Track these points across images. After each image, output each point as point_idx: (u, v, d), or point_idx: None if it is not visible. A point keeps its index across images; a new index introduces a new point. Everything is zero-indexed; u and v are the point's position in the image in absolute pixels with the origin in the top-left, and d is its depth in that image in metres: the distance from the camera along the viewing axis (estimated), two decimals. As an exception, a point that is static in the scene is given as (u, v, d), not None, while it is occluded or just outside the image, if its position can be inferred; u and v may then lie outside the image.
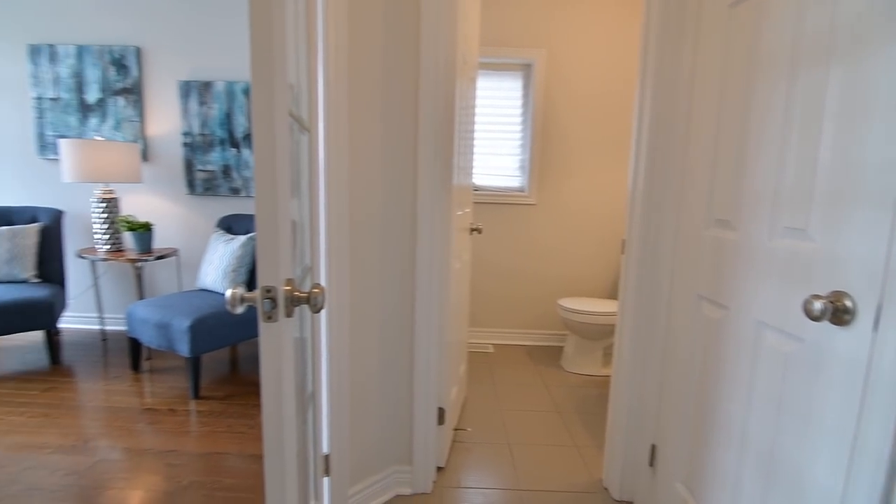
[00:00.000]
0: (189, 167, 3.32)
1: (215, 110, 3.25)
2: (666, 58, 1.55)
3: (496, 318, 3.52)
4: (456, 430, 2.26)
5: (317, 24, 1.27)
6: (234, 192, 3.33)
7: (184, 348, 2.43)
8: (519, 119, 3.36)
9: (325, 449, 1.52)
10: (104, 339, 3.33)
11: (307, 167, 1.20)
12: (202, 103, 3.24)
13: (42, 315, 2.74)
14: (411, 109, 1.59)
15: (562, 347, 3.48)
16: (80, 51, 3.24)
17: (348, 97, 1.43)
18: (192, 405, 2.44)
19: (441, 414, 1.84)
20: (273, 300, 0.73)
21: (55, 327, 2.85)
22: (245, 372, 2.87)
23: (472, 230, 2.36)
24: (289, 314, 0.78)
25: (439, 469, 1.94)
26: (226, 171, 3.31)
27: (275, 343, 0.76)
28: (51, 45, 3.25)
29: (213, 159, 3.30)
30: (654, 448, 1.65)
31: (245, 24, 3.17)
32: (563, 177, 3.35)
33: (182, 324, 2.41)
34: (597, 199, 3.36)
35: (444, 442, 1.94)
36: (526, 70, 3.30)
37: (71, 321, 3.58)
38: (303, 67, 1.16)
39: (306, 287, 1.13)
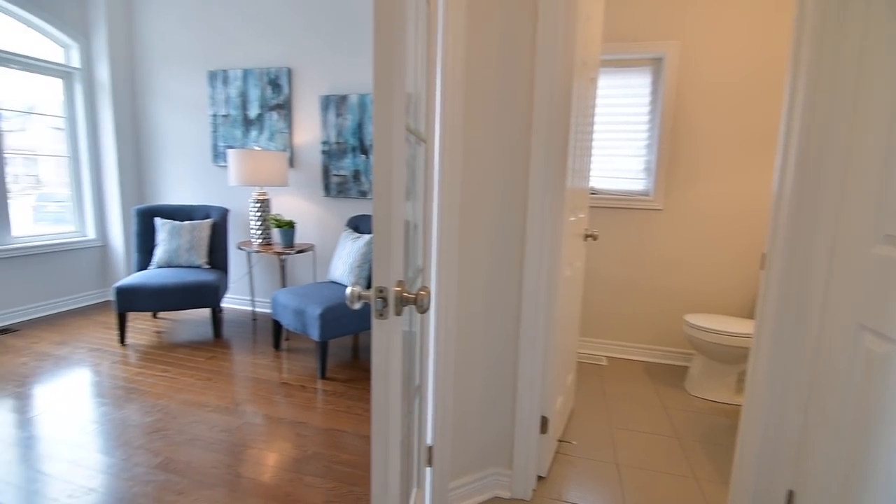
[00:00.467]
0: (326, 172, 3.71)
1: (349, 121, 3.59)
2: (826, 41, 1.33)
3: (611, 330, 3.34)
4: (560, 441, 2.20)
5: (436, 39, 1.34)
6: (363, 194, 3.64)
7: (314, 333, 2.74)
8: (645, 118, 3.14)
9: (428, 440, 1.60)
10: (254, 319, 3.89)
11: (422, 176, 1.28)
12: (338, 115, 3.61)
13: (210, 296, 3.30)
14: (525, 115, 1.59)
15: (686, 368, 3.17)
16: (246, 74, 3.82)
17: (463, 106, 1.49)
18: (319, 384, 2.73)
19: (544, 423, 1.81)
20: (384, 299, 0.80)
21: (219, 306, 3.41)
22: (364, 359, 3.13)
23: (587, 236, 2.28)
24: (398, 313, 0.85)
25: (540, 478, 1.91)
26: (356, 175, 3.63)
27: (385, 338, 0.83)
28: (224, 71, 3.88)
29: (346, 165, 3.65)
30: (791, 494, 1.43)
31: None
32: (694, 179, 3.05)
33: (314, 311, 2.72)
34: (732, 205, 2.99)
35: (545, 451, 1.91)
36: (655, 65, 3.07)
37: (230, 302, 4.24)
38: (422, 79, 1.24)
39: (417, 288, 1.20)
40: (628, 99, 3.15)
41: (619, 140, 3.19)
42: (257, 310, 4.12)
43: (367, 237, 3.10)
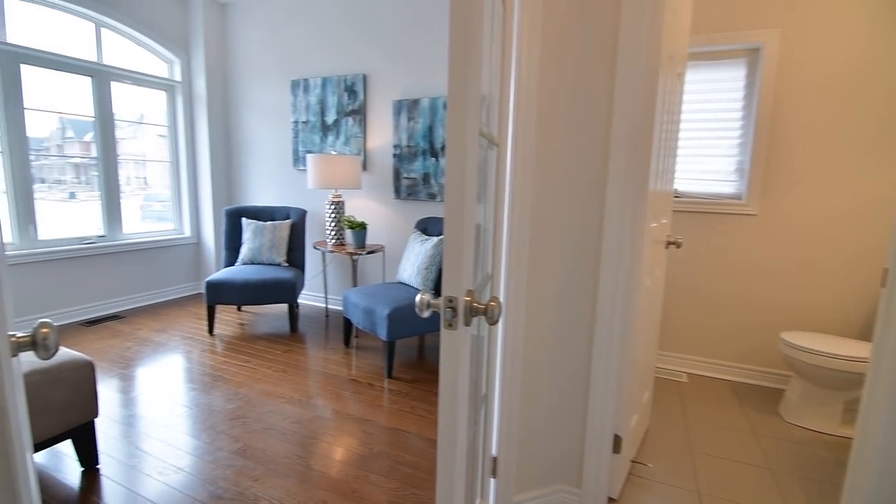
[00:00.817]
0: (397, 175, 3.79)
1: (420, 124, 3.63)
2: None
3: (693, 344, 3.09)
4: (634, 462, 2.06)
5: (511, 38, 1.30)
6: (432, 197, 3.67)
7: (382, 332, 2.79)
8: (738, 114, 2.87)
9: (493, 451, 1.56)
10: (327, 316, 4.05)
11: (493, 180, 1.24)
12: (410, 119, 3.67)
13: (288, 292, 3.48)
14: (604, 115, 1.50)
15: (780, 391, 2.85)
16: (324, 82, 4.00)
17: (538, 106, 1.43)
18: (386, 383, 2.78)
19: (617, 442, 1.70)
20: (454, 309, 0.78)
21: (296, 302, 3.59)
22: (430, 360, 3.15)
23: (670, 243, 2.11)
24: (467, 323, 0.82)
25: (611, 500, 1.79)
26: (425, 178, 3.67)
27: (453, 348, 0.80)
28: (305, 80, 4.09)
29: (416, 168, 3.70)
30: (921, 553, 1.22)
31: (447, 45, 3.46)
32: (795, 181, 2.74)
33: (382, 312, 2.77)
34: (841, 210, 2.65)
35: (618, 472, 1.79)
36: (751, 56, 2.80)
37: (305, 298, 4.46)
38: (495, 79, 1.20)
39: (486, 295, 1.17)
40: (719, 94, 2.89)
41: (707, 139, 2.95)
42: (330, 307, 4.29)
43: (435, 239, 3.12)
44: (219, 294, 3.38)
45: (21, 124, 3.33)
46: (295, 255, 3.91)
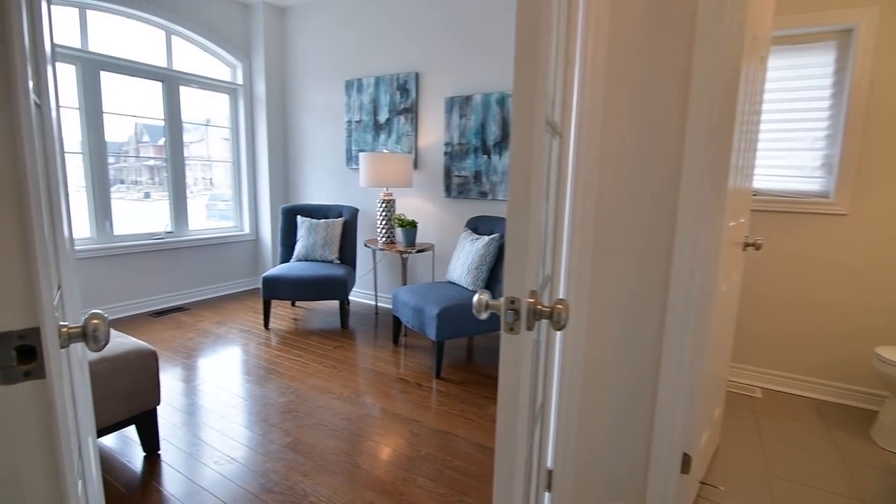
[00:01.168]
0: (447, 173, 3.74)
1: (472, 121, 3.56)
2: None
3: (769, 356, 2.82)
4: (703, 483, 1.89)
5: (577, 16, 1.20)
6: (483, 195, 3.59)
7: (431, 332, 2.75)
8: (826, 103, 2.58)
9: (549, 463, 1.46)
10: (376, 313, 4.07)
11: (555, 173, 1.15)
12: (462, 116, 3.61)
13: (339, 289, 3.52)
14: (679, 102, 1.36)
15: (874, 412, 2.54)
16: (378, 81, 4.02)
17: (604, 92, 1.32)
18: (434, 383, 2.73)
19: (686, 461, 1.55)
20: (516, 312, 0.70)
21: (347, 299, 3.63)
22: (479, 362, 3.07)
23: (747, 245, 1.92)
24: (530, 327, 0.74)
25: (678, 524, 1.64)
26: (477, 176, 3.60)
27: (514, 355, 0.73)
28: (358, 79, 4.13)
29: (467, 166, 3.63)
30: None
31: (501, 39, 3.37)
32: (895, 178, 2.43)
33: (432, 311, 2.73)
34: (959, 212, 2.31)
35: (685, 494, 1.64)
36: (842, 39, 2.51)
37: (356, 295, 4.51)
38: (559, 62, 1.11)
39: (545, 298, 1.08)
40: (804, 82, 2.62)
41: (789, 132, 2.68)
42: (380, 304, 4.32)
43: (486, 238, 3.04)
44: (274, 289, 3.47)
45: (100, 127, 3.58)
46: (346, 253, 3.96)
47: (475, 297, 0.76)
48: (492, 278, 3.06)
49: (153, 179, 4.13)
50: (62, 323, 0.56)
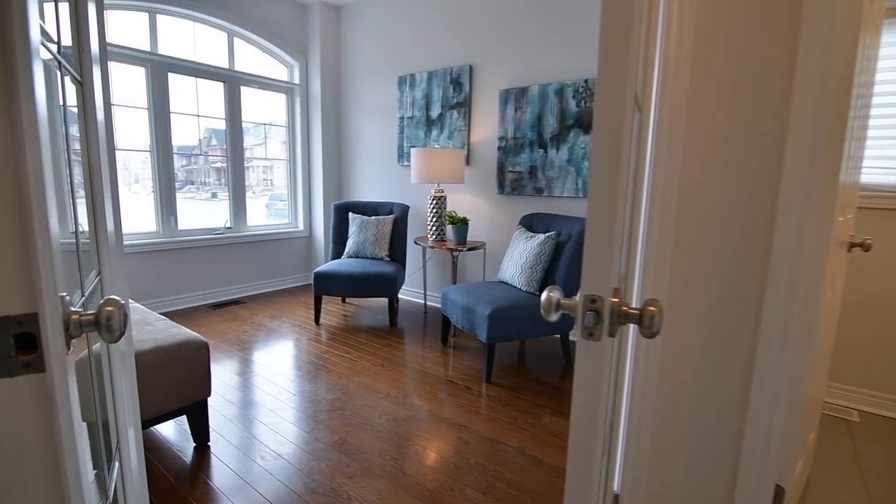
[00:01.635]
0: (501, 168, 3.60)
1: (528, 114, 3.41)
2: None
3: (869, 375, 2.47)
4: (793, 518, 1.64)
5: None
6: (538, 191, 3.42)
7: (482, 334, 2.62)
8: (947, 85, 2.21)
9: (615, 487, 1.30)
10: (425, 312, 4.00)
11: (634, 154, 1.00)
12: (517, 108, 3.45)
13: (389, 287, 3.48)
14: (781, 77, 1.16)
15: None
16: (430, 76, 3.95)
17: (692, 63, 1.14)
18: (484, 387, 2.60)
19: (779, 494, 1.33)
20: (597, 313, 0.57)
21: (396, 297, 3.58)
22: (531, 366, 2.91)
23: (853, 245, 1.65)
24: (612, 333, 0.60)
25: (766, 566, 1.42)
26: (532, 171, 3.43)
27: (594, 365, 0.59)
28: (411, 75, 4.08)
29: (522, 161, 3.48)
30: None
31: (559, 27, 3.19)
32: None
33: (483, 312, 2.60)
34: None
35: (776, 532, 1.41)
36: (971, 7, 2.14)
37: (405, 293, 4.46)
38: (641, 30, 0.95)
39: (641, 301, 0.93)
40: (918, 59, 2.26)
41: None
42: (429, 303, 4.24)
43: (541, 236, 2.87)
44: (325, 285, 3.48)
45: (167, 127, 3.74)
46: (396, 250, 3.91)
47: (543, 295, 0.63)
48: (547, 279, 2.89)
49: (220, 181, 4.29)
50: (75, 309, 0.50)
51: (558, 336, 3.31)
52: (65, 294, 0.48)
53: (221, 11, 3.91)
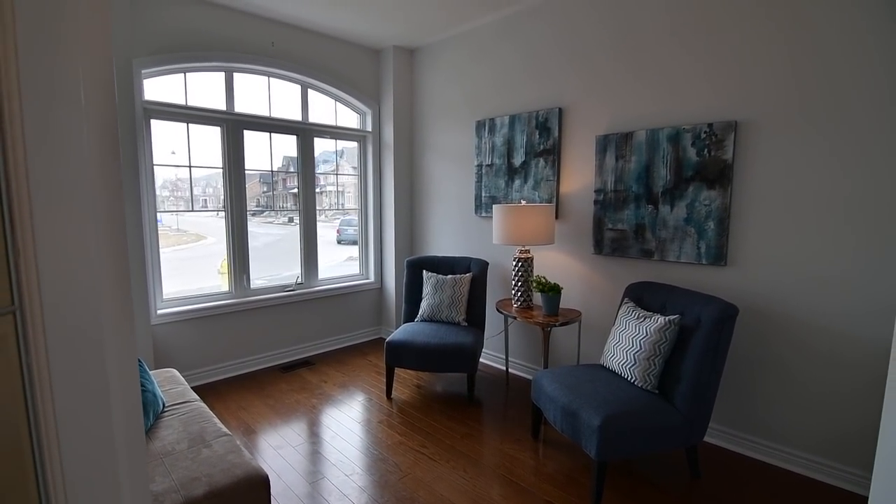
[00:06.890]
0: (598, 225, 3.10)
1: (632, 164, 2.89)
2: None
3: None
4: None
5: None
6: (646, 254, 2.87)
7: (591, 447, 2.11)
8: None
9: None
10: (507, 384, 3.53)
11: None
12: (619, 157, 2.96)
13: (468, 360, 3.06)
14: None
15: None
16: (512, 120, 3.56)
17: None
18: (593, 516, 2.08)
19: None
20: None
21: (475, 371, 3.15)
22: (650, 483, 2.33)
23: None
24: None
25: None
26: (638, 230, 2.90)
27: None
28: (490, 119, 3.72)
29: (625, 217, 2.95)
30: None
31: (672, 62, 2.67)
32: None
33: (593, 420, 2.10)
34: None
35: None
36: None
37: (484, 356, 4.01)
38: None
39: None
40: None
41: None
42: (511, 371, 3.77)
43: (660, 319, 2.32)
44: (399, 357, 3.14)
45: (242, 185, 3.64)
46: (475, 313, 3.50)
47: None
48: (666, 373, 2.33)
49: (292, 220, 4.17)
50: None
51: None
52: None
53: (296, 65, 3.80)
